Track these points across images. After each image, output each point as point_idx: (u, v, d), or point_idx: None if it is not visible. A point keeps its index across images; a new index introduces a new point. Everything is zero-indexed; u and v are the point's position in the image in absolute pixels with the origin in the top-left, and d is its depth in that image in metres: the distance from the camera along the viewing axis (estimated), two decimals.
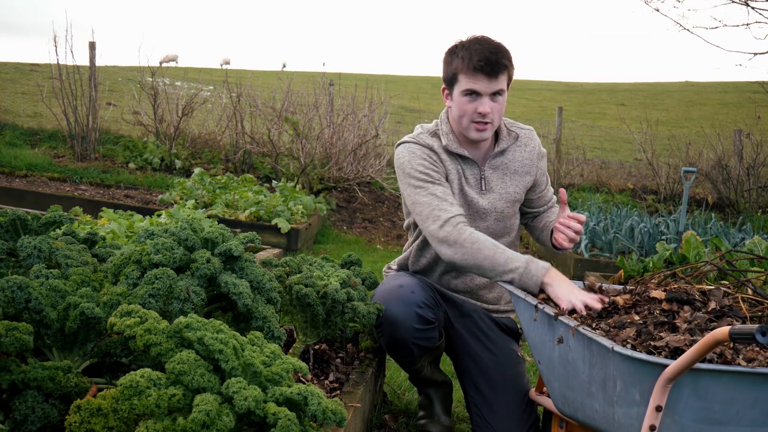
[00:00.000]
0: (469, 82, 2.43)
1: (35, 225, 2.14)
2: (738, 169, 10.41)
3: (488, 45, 2.44)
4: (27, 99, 12.16)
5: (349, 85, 9.95)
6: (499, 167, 2.61)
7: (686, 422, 1.61)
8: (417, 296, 2.44)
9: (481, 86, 2.42)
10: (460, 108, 2.48)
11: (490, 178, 2.60)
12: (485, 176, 2.59)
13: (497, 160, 2.61)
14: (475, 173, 2.58)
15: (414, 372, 2.63)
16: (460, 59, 2.44)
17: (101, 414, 1.40)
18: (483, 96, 2.43)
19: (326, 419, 1.48)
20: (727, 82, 31.39)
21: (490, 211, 2.59)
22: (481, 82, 2.42)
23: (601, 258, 6.24)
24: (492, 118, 2.46)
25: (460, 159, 2.57)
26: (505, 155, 2.62)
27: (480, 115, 2.45)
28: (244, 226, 5.85)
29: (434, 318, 2.48)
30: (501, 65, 2.41)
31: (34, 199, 6.77)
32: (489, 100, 2.44)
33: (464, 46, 2.45)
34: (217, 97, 10.50)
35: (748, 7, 9.52)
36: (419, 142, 2.56)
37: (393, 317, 2.41)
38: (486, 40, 2.47)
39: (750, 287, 2.01)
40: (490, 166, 2.60)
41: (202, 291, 1.82)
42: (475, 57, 2.40)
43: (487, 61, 2.39)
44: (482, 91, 2.43)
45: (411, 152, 2.53)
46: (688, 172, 5.41)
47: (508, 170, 2.62)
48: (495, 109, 2.46)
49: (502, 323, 2.69)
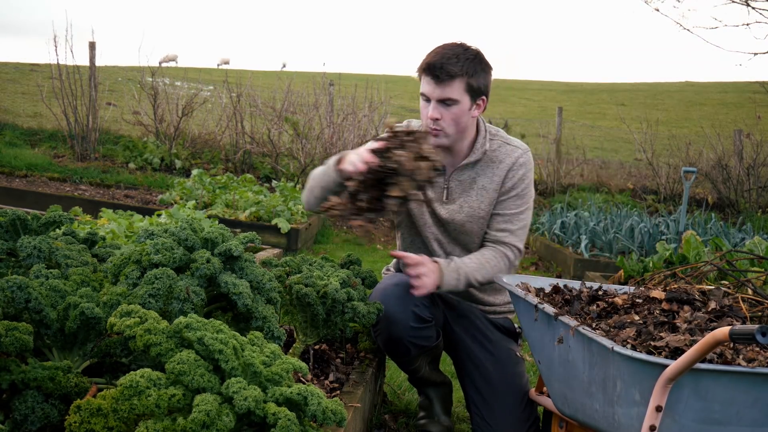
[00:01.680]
0: (422, 84, 2.41)
1: (35, 225, 2.14)
2: (738, 169, 10.41)
3: (448, 50, 2.38)
4: (27, 99, 12.16)
5: (349, 85, 9.95)
6: (465, 180, 2.54)
7: (686, 422, 1.61)
8: (413, 295, 2.44)
9: (429, 90, 2.38)
10: (420, 110, 2.48)
11: (454, 190, 2.55)
12: (449, 186, 2.55)
13: (465, 172, 2.54)
14: (440, 182, 2.55)
15: (412, 372, 2.62)
16: (423, 60, 2.42)
17: (101, 414, 1.40)
18: (432, 101, 2.39)
19: (326, 419, 1.48)
20: (727, 82, 31.39)
21: (448, 222, 2.56)
22: (429, 86, 2.38)
23: (601, 258, 6.24)
24: (442, 126, 2.39)
25: None
26: (474, 168, 2.54)
27: (431, 120, 2.40)
28: (244, 226, 5.85)
29: (431, 316, 2.48)
30: (446, 72, 2.33)
31: (34, 199, 6.76)
32: (437, 105, 2.38)
33: (433, 49, 2.43)
34: (217, 97, 10.50)
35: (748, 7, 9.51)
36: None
37: (389, 315, 2.41)
38: (453, 45, 2.42)
39: (750, 287, 2.01)
40: (456, 177, 2.55)
41: (202, 291, 1.82)
42: (427, 59, 2.38)
43: (432, 65, 2.34)
44: (430, 95, 2.39)
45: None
46: (688, 172, 5.41)
47: (475, 184, 2.53)
48: (446, 117, 2.39)
49: (499, 323, 2.69)
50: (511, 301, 2.62)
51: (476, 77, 2.40)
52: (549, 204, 10.02)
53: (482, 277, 2.46)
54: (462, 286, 2.45)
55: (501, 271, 2.48)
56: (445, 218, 2.56)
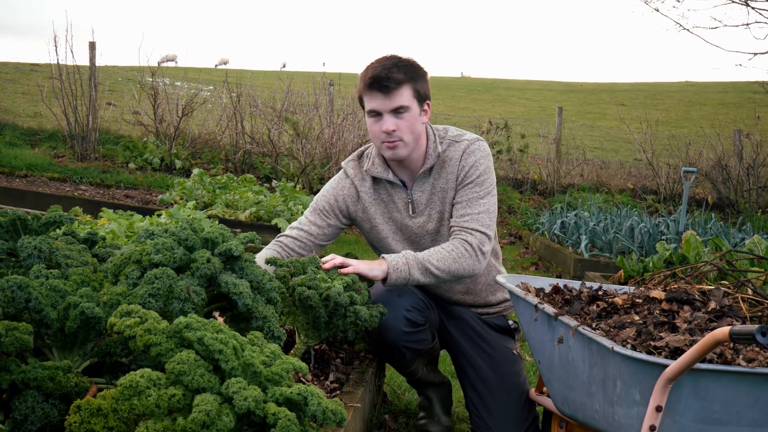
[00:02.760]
0: (368, 102, 2.41)
1: (35, 225, 2.14)
2: (738, 169, 10.42)
3: (384, 62, 2.39)
4: (27, 99, 12.16)
5: (349, 85, 9.94)
6: (426, 189, 2.53)
7: (686, 422, 1.61)
8: (404, 300, 2.43)
9: (378, 104, 2.38)
10: (370, 130, 2.46)
11: (418, 201, 2.54)
12: (413, 200, 2.54)
13: (425, 181, 2.53)
14: (403, 197, 2.55)
15: (410, 375, 2.62)
16: (361, 81, 2.42)
17: (101, 414, 1.40)
18: (384, 114, 2.38)
19: (326, 419, 1.48)
20: (727, 82, 31.39)
21: (422, 234, 2.56)
22: (377, 100, 2.37)
23: (601, 258, 6.24)
24: (399, 135, 2.39)
25: (388, 184, 2.55)
26: (432, 174, 2.53)
27: (386, 134, 2.40)
28: (244, 226, 5.85)
29: (423, 320, 2.48)
30: (392, 80, 2.34)
31: (34, 199, 6.76)
32: (391, 116, 2.38)
33: (366, 67, 2.43)
34: (217, 97, 10.50)
35: (748, 7, 9.52)
36: (347, 171, 2.62)
37: (381, 322, 2.39)
38: (386, 57, 2.43)
39: (750, 287, 2.01)
40: (418, 188, 2.54)
41: (202, 291, 1.82)
42: (368, 75, 2.38)
43: (376, 78, 2.35)
44: (381, 109, 2.38)
45: (332, 181, 2.66)
46: (688, 172, 5.41)
47: (436, 189, 2.53)
48: (402, 126, 2.39)
49: (493, 323, 2.69)
50: (509, 298, 2.63)
51: (419, 82, 2.42)
52: (549, 204, 10.02)
53: (439, 261, 2.35)
54: (417, 272, 2.34)
55: (463, 257, 2.37)
56: (417, 232, 2.56)
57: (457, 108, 20.46)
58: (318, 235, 2.61)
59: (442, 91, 24.13)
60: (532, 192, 10.91)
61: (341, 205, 2.60)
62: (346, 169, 2.63)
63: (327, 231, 2.61)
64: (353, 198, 2.60)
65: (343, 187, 2.61)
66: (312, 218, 2.61)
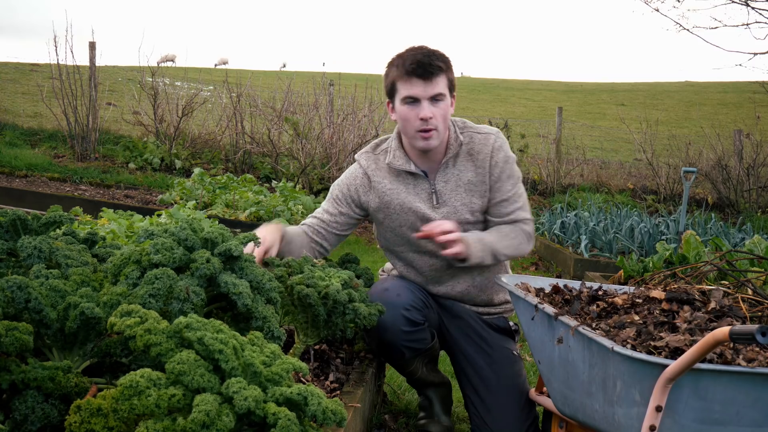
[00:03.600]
0: (406, 89, 2.42)
1: (35, 225, 2.14)
2: (738, 169, 10.42)
3: (421, 50, 2.43)
4: (27, 99, 12.16)
5: (349, 85, 9.95)
6: (450, 179, 2.54)
7: (686, 422, 1.61)
8: (403, 299, 2.44)
9: (418, 90, 2.40)
10: (403, 117, 2.46)
11: (441, 192, 2.54)
12: (436, 190, 2.54)
13: (447, 172, 2.54)
14: (425, 188, 2.55)
15: (409, 374, 2.62)
16: (396, 67, 2.44)
17: (101, 414, 1.40)
18: (422, 101, 2.40)
19: (326, 419, 1.48)
20: (727, 82, 31.38)
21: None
22: (417, 87, 2.40)
23: (601, 258, 6.24)
24: (435, 123, 2.42)
25: (408, 175, 2.55)
26: (456, 165, 2.54)
27: (423, 121, 2.41)
28: (244, 226, 5.85)
29: (422, 320, 2.48)
30: (434, 66, 2.38)
31: (34, 199, 6.77)
32: (429, 104, 2.41)
33: (399, 55, 2.46)
34: (217, 97, 10.50)
35: (748, 7, 9.52)
36: (360, 162, 2.64)
37: (380, 321, 2.40)
38: (420, 46, 2.47)
39: (750, 287, 2.01)
40: (441, 179, 2.54)
41: (201, 291, 1.82)
42: (408, 61, 2.40)
43: (419, 63, 2.38)
44: (420, 96, 2.40)
45: (346, 172, 2.69)
46: (688, 172, 5.41)
47: (461, 181, 2.53)
48: (437, 114, 2.42)
49: (494, 323, 2.69)
50: (510, 300, 2.63)
51: (451, 73, 2.47)
52: (549, 204, 10.03)
53: (504, 248, 2.47)
54: (488, 258, 2.44)
55: (522, 244, 2.51)
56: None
57: (458, 108, 20.41)
58: (330, 223, 2.64)
59: None
60: (532, 192, 10.91)
61: (353, 195, 2.62)
62: (359, 160, 2.65)
63: (339, 219, 2.64)
64: (365, 188, 2.60)
65: (355, 177, 2.63)
66: (326, 206, 2.67)
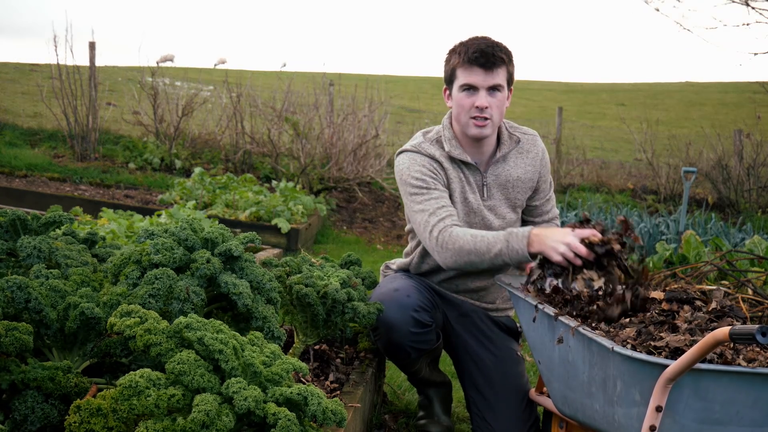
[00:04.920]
0: (466, 76, 2.43)
1: (35, 225, 2.14)
2: (738, 169, 10.41)
3: (485, 40, 2.46)
4: (27, 99, 12.15)
5: (349, 85, 9.95)
6: (501, 174, 2.58)
7: (686, 422, 1.61)
8: (413, 300, 2.44)
9: (477, 79, 2.42)
10: (458, 104, 2.47)
11: (491, 185, 2.58)
12: (487, 183, 2.57)
13: (499, 166, 2.58)
14: (477, 180, 2.57)
15: (412, 374, 2.63)
16: (458, 54, 2.47)
17: (101, 414, 1.40)
18: (480, 90, 2.43)
19: (326, 419, 1.48)
20: (727, 82, 31.37)
21: (492, 219, 2.57)
22: (476, 75, 2.42)
23: None
24: (491, 113, 2.45)
25: (464, 165, 2.55)
26: (507, 161, 2.59)
27: (478, 109, 2.43)
28: (244, 226, 5.85)
29: (431, 321, 2.48)
30: (497, 57, 2.41)
31: (34, 199, 6.76)
32: (486, 94, 2.43)
33: (462, 43, 2.49)
34: (217, 97, 10.50)
35: (748, 7, 9.51)
36: (420, 151, 2.53)
37: (389, 321, 2.41)
38: (484, 37, 2.49)
39: (750, 287, 2.01)
40: (492, 172, 2.58)
41: (202, 291, 1.82)
42: (471, 50, 2.43)
43: (482, 52, 2.40)
44: (479, 84, 2.42)
45: (411, 160, 2.52)
46: (688, 172, 5.41)
47: (510, 177, 2.59)
48: (493, 104, 2.44)
49: (501, 322, 2.69)
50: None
51: (512, 66, 2.50)
52: None
53: None
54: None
55: None
56: (488, 216, 2.58)
57: None
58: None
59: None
60: None
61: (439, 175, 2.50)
62: (419, 150, 2.52)
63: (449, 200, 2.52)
64: (440, 169, 2.52)
65: (426, 161, 2.50)
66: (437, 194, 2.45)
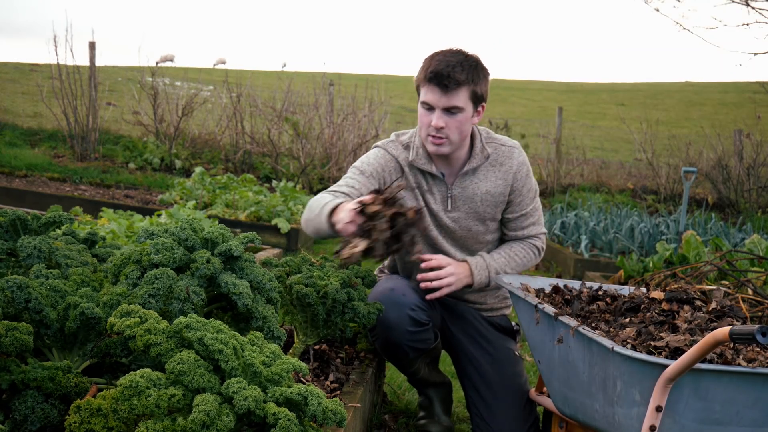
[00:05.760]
0: (424, 93, 2.40)
1: (35, 225, 2.14)
2: (738, 169, 10.41)
3: (450, 58, 2.37)
4: (27, 99, 12.15)
5: (349, 85, 9.95)
6: (468, 187, 2.53)
7: (686, 422, 1.61)
8: (409, 299, 2.43)
9: (433, 98, 2.36)
10: (419, 119, 2.46)
11: (457, 197, 2.53)
12: (452, 195, 2.53)
13: (467, 179, 2.53)
14: (442, 191, 2.54)
15: (411, 374, 2.62)
16: (422, 69, 2.41)
17: (101, 414, 1.40)
18: (436, 109, 2.37)
19: (326, 419, 1.48)
20: (727, 82, 31.35)
21: (455, 229, 2.55)
22: (433, 94, 2.36)
23: (601, 258, 6.24)
24: (447, 134, 2.38)
25: (428, 174, 2.53)
26: (476, 174, 2.53)
27: (434, 128, 2.39)
28: (244, 226, 5.85)
29: (427, 320, 2.48)
30: (453, 80, 2.32)
31: (34, 199, 6.76)
32: (441, 114, 2.37)
33: (431, 56, 2.42)
34: (217, 97, 10.50)
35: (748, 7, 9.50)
36: (387, 149, 2.55)
37: (386, 321, 2.40)
38: (453, 52, 2.40)
39: (750, 287, 2.01)
40: (459, 185, 2.53)
41: (202, 291, 1.82)
42: (430, 68, 2.36)
43: (438, 74, 2.33)
44: (434, 104, 2.37)
45: (375, 154, 2.55)
46: (688, 172, 5.41)
47: (478, 190, 2.53)
48: (451, 125, 2.38)
49: (497, 322, 2.69)
50: (509, 297, 2.64)
51: (479, 84, 2.40)
52: (549, 204, 10.02)
53: (511, 269, 2.54)
54: (492, 280, 2.50)
55: (531, 261, 2.60)
56: (450, 226, 2.55)
57: None
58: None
59: None
60: None
61: (386, 175, 2.51)
62: (387, 149, 2.55)
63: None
64: (398, 173, 2.53)
65: (387, 161, 2.53)
66: (361, 179, 2.48)
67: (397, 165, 2.53)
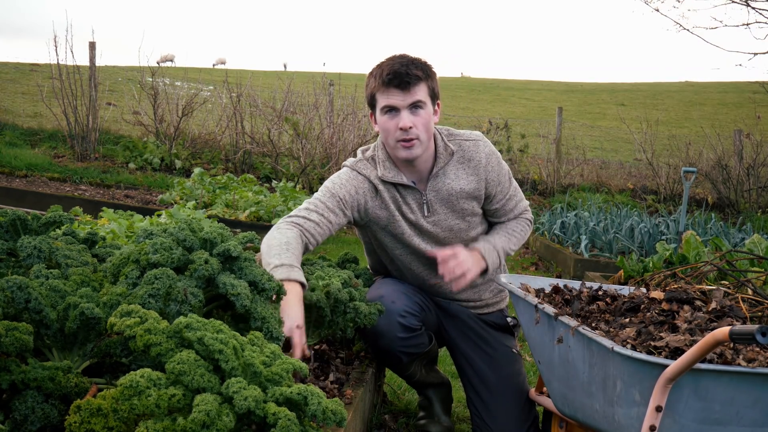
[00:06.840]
0: (385, 99, 2.37)
1: (35, 225, 2.14)
2: (738, 169, 10.42)
3: (399, 59, 2.39)
4: (27, 99, 12.16)
5: (349, 85, 9.95)
6: (442, 188, 2.50)
7: (686, 422, 1.61)
8: (398, 305, 2.42)
9: (396, 100, 2.35)
10: (383, 128, 2.42)
11: (433, 202, 2.51)
12: (427, 200, 2.51)
13: (438, 181, 2.50)
14: (417, 198, 2.50)
15: (408, 377, 2.62)
16: (374, 78, 2.41)
17: (101, 414, 1.40)
18: (401, 110, 2.36)
19: (326, 419, 1.48)
20: (727, 82, 31.37)
21: (437, 232, 2.53)
22: (395, 96, 2.35)
23: (601, 258, 6.24)
24: (416, 133, 2.37)
25: (399, 186, 2.50)
26: (447, 174, 2.50)
27: (403, 131, 2.36)
28: (244, 226, 5.85)
29: (419, 325, 2.47)
30: (412, 75, 2.34)
31: (34, 199, 6.77)
32: (408, 113, 2.36)
33: (378, 65, 2.42)
34: (217, 97, 10.50)
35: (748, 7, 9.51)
36: (359, 170, 2.51)
37: (376, 328, 2.38)
38: (401, 55, 2.43)
39: (750, 287, 2.01)
40: (432, 188, 2.50)
41: (199, 292, 1.82)
42: (385, 72, 2.36)
43: (395, 73, 2.34)
44: (398, 105, 2.36)
45: (347, 175, 2.51)
46: (688, 172, 5.41)
47: (453, 190, 2.50)
48: (418, 123, 2.37)
49: (492, 321, 2.68)
50: (504, 291, 2.65)
51: (433, 81, 2.43)
52: (549, 204, 10.03)
53: (514, 244, 2.62)
54: (502, 259, 2.57)
55: (527, 233, 2.68)
56: (431, 230, 2.53)
57: (457, 108, 20.45)
58: (334, 224, 2.47)
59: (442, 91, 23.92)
60: (532, 192, 10.90)
61: (360, 199, 2.49)
62: (357, 168, 2.52)
63: (341, 221, 2.50)
64: (372, 194, 2.50)
65: (360, 182, 2.50)
66: (331, 205, 2.45)
67: (371, 185, 2.50)
